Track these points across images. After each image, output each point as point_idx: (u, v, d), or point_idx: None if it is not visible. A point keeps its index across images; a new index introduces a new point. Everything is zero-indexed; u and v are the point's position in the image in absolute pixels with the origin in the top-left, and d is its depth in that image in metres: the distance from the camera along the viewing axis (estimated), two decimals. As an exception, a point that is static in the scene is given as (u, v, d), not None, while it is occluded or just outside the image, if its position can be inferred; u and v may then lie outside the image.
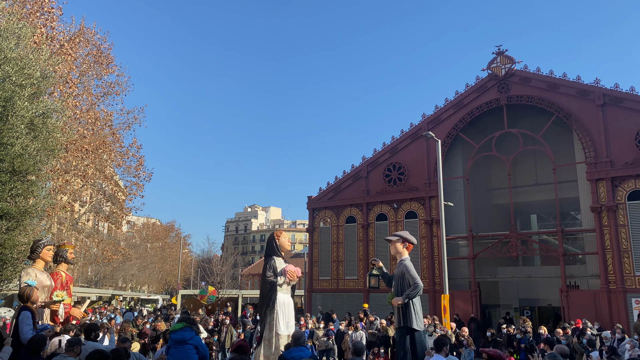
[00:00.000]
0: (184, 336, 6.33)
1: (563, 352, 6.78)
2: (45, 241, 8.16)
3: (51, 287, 8.08)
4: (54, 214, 21.55)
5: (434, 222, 26.83)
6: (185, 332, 6.37)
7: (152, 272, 63.80)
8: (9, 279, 9.29)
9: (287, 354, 7.17)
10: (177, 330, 6.45)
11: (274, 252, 8.46)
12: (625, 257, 22.50)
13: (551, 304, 27.08)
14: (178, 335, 6.37)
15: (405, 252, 8.70)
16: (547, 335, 15.72)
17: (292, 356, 6.96)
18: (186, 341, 6.29)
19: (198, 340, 6.47)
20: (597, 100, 24.32)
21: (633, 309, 21.79)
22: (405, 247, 8.67)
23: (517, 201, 27.27)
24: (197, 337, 6.50)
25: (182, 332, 6.37)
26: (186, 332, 6.37)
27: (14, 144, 8.14)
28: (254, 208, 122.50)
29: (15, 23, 9.06)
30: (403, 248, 8.63)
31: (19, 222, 8.76)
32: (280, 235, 8.68)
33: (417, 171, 28.34)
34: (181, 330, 6.40)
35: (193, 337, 6.39)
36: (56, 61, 11.10)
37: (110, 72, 22.69)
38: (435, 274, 26.38)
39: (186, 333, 6.36)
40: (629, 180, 23.06)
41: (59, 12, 19.25)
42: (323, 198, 31.16)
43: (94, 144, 21.67)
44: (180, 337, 6.32)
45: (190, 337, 6.35)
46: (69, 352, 6.34)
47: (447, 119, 28.12)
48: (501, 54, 27.20)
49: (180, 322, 6.57)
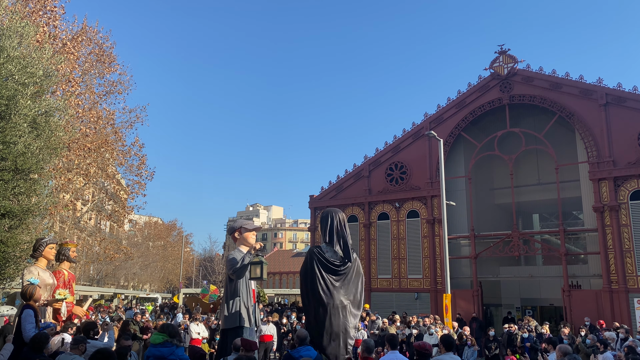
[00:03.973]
0: (163, 353, 5.89)
1: (567, 351, 6.78)
2: (47, 239, 8.17)
3: (54, 285, 8.09)
4: (56, 212, 21.57)
5: (436, 221, 26.81)
6: (165, 349, 5.92)
7: (154, 271, 63.86)
8: (12, 277, 9.31)
9: (295, 352, 7.19)
10: (156, 344, 5.99)
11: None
12: (627, 257, 22.45)
13: (553, 304, 27.05)
14: (157, 351, 5.91)
15: (241, 242, 7.67)
16: (549, 334, 15.71)
17: (301, 355, 6.97)
18: (165, 357, 5.86)
19: (178, 354, 6.00)
20: (600, 100, 24.25)
21: (635, 308, 21.75)
22: (241, 236, 7.71)
23: (519, 201, 27.24)
24: (178, 350, 5.99)
25: (161, 348, 5.92)
26: (165, 347, 5.92)
27: (17, 143, 8.15)
28: (256, 207, 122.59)
29: (18, 22, 9.06)
30: (239, 236, 7.72)
31: (22, 221, 8.78)
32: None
33: (419, 170, 28.32)
34: (161, 345, 5.96)
35: (173, 352, 5.90)
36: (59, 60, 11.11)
37: (112, 70, 22.69)
38: (437, 274, 26.36)
39: (165, 349, 5.91)
40: (632, 180, 23.00)
41: (61, 11, 19.25)
42: (325, 197, 31.15)
43: (96, 143, 21.68)
44: (158, 354, 5.88)
45: (169, 353, 5.88)
46: (74, 350, 6.36)
47: (450, 118, 28.09)
48: (503, 53, 27.15)
49: (162, 333, 6.10)
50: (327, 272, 7.60)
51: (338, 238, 7.80)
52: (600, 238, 23.21)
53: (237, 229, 7.71)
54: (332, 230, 7.84)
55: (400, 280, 27.80)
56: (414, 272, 27.49)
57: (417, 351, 6.79)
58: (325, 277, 7.55)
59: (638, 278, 22.07)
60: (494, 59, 27.31)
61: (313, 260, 7.64)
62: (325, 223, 7.91)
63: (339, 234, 7.83)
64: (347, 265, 7.70)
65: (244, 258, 7.32)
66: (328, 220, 7.89)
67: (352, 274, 7.76)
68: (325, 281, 7.54)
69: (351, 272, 7.76)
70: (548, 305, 27.65)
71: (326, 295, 7.49)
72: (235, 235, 7.69)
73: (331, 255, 7.71)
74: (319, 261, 7.64)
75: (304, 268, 7.77)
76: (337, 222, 7.88)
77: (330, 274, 7.61)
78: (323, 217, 8.02)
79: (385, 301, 27.54)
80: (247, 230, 7.69)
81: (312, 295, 7.55)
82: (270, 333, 16.46)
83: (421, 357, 6.78)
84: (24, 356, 6.12)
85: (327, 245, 7.83)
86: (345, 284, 7.67)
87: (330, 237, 7.80)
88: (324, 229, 7.93)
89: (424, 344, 6.83)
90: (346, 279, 7.69)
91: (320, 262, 7.63)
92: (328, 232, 7.84)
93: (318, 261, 7.64)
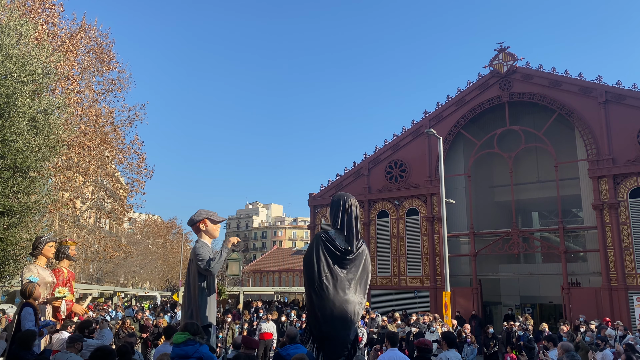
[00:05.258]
0: (187, 352, 5.78)
1: (568, 348, 6.81)
2: (47, 238, 8.15)
3: (53, 283, 8.08)
4: (55, 210, 21.56)
5: (436, 219, 26.82)
6: (188, 347, 5.80)
7: (153, 269, 63.86)
8: (11, 276, 9.30)
9: (282, 351, 7.20)
10: (179, 344, 5.87)
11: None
12: (626, 254, 22.48)
13: (552, 302, 27.09)
14: (181, 350, 5.79)
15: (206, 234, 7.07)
16: (548, 332, 15.72)
17: (288, 353, 6.98)
18: (190, 356, 5.74)
19: (202, 351, 6.01)
20: (599, 98, 24.25)
21: (634, 306, 21.78)
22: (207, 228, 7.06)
23: (519, 198, 27.25)
24: (202, 347, 5.88)
25: (184, 347, 5.80)
26: (189, 346, 5.81)
27: (16, 141, 8.14)
28: (256, 205, 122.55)
29: (17, 20, 9.04)
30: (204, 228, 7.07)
31: (21, 219, 8.77)
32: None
33: (418, 168, 28.32)
34: (184, 344, 5.84)
35: (197, 350, 5.75)
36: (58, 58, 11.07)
37: (111, 68, 22.66)
38: (436, 271, 26.39)
39: (189, 348, 5.79)
40: (631, 178, 23.01)
41: (60, 9, 19.21)
42: (324, 195, 31.16)
43: (96, 141, 21.66)
44: (183, 353, 5.77)
45: (193, 351, 5.77)
46: (70, 348, 6.37)
47: (449, 116, 28.08)
48: (503, 50, 27.13)
49: (183, 332, 5.99)
50: (334, 260, 7.00)
51: (350, 224, 7.11)
52: (599, 236, 23.22)
53: (201, 220, 7.08)
54: (343, 214, 7.15)
55: (400, 278, 27.82)
56: (414, 270, 27.52)
57: (417, 348, 6.82)
58: (332, 266, 6.96)
59: (637, 276, 22.09)
60: (494, 57, 27.31)
61: (319, 247, 7.03)
62: (336, 207, 7.24)
63: (350, 219, 7.13)
64: (357, 254, 7.09)
65: (222, 253, 6.75)
66: (340, 204, 7.22)
67: (361, 264, 7.17)
68: (332, 270, 6.94)
69: (360, 262, 7.16)
70: (547, 303, 27.68)
71: (331, 285, 6.88)
72: (200, 227, 7.05)
73: (340, 242, 7.08)
74: (326, 248, 7.02)
75: (308, 254, 7.15)
76: (349, 207, 7.19)
77: (337, 262, 7.01)
78: (334, 200, 7.34)
79: (384, 299, 27.57)
80: (214, 222, 7.12)
81: (317, 284, 6.95)
82: (270, 331, 16.48)
83: (422, 353, 6.81)
84: (11, 353, 6.11)
85: (336, 231, 7.18)
86: (353, 274, 7.06)
87: (342, 223, 7.11)
88: (334, 214, 7.24)
89: (424, 341, 6.86)
90: (354, 269, 7.10)
91: (327, 249, 7.01)
92: (340, 217, 7.13)
93: (325, 248, 7.02)
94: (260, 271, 75.06)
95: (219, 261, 6.66)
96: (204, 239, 7.02)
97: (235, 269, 6.64)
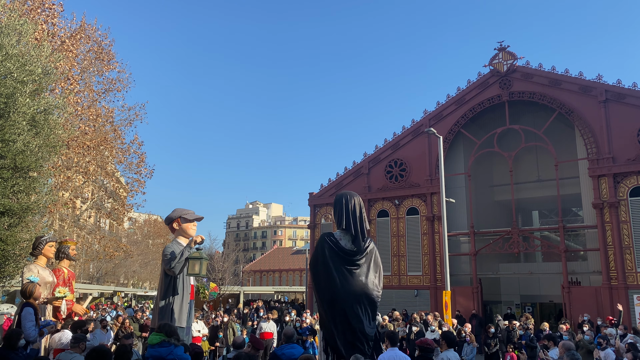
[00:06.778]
0: (161, 353, 5.78)
1: (569, 347, 6.81)
2: (47, 238, 8.15)
3: (53, 283, 8.08)
4: (55, 210, 21.55)
5: (436, 218, 26.82)
6: (162, 349, 5.80)
7: (153, 269, 63.82)
8: (12, 276, 9.29)
9: (278, 350, 7.22)
10: (154, 345, 5.85)
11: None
12: (627, 253, 22.48)
13: (553, 300, 27.09)
14: (155, 351, 5.80)
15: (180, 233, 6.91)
16: (549, 331, 15.73)
17: (284, 352, 6.99)
18: (164, 358, 5.75)
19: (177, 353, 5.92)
20: (599, 97, 24.23)
21: (635, 305, 21.78)
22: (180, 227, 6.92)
23: (519, 197, 27.25)
24: (176, 350, 5.87)
25: (159, 349, 5.81)
26: (163, 347, 5.81)
27: (16, 141, 8.13)
28: (256, 204, 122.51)
29: (17, 19, 9.03)
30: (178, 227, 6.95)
31: (21, 219, 8.76)
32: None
33: (418, 167, 28.31)
34: (158, 345, 5.83)
35: (171, 351, 5.79)
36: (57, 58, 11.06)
37: (111, 68, 22.64)
38: (436, 271, 26.39)
39: (163, 349, 5.80)
40: (631, 177, 23.01)
41: (59, 9, 19.21)
42: (324, 194, 31.15)
43: (96, 141, 21.65)
44: (157, 354, 5.78)
45: (167, 353, 5.77)
46: (75, 348, 6.37)
47: (449, 115, 28.07)
48: (503, 49, 27.12)
49: (159, 333, 5.93)
50: (341, 262, 6.77)
51: (355, 223, 6.85)
52: (599, 235, 23.22)
53: (175, 218, 6.91)
54: (348, 214, 6.89)
55: (400, 277, 27.82)
56: (414, 269, 27.51)
57: (419, 347, 6.80)
58: (340, 268, 6.73)
59: (637, 274, 22.09)
60: (494, 56, 27.29)
61: (324, 250, 6.83)
62: (339, 207, 6.99)
63: (355, 218, 6.88)
64: (365, 254, 6.87)
65: (183, 252, 6.51)
66: (343, 204, 6.98)
67: (371, 262, 6.96)
68: (340, 272, 6.70)
69: (370, 260, 6.95)
70: (548, 302, 27.69)
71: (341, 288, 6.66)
72: (174, 226, 6.90)
73: (346, 243, 6.86)
74: (332, 250, 6.80)
75: (314, 258, 6.97)
76: (352, 206, 6.94)
77: (345, 264, 6.77)
78: (337, 200, 7.08)
79: (385, 298, 27.43)
80: (187, 220, 6.92)
81: (324, 289, 6.74)
82: (270, 331, 16.48)
83: (424, 352, 6.81)
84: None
85: (341, 232, 6.95)
86: (363, 275, 6.82)
87: (347, 223, 6.87)
88: (338, 214, 7.00)
89: (426, 340, 6.86)
90: (365, 268, 6.87)
91: (333, 251, 6.79)
92: (345, 217, 6.90)
93: (330, 250, 6.80)
94: (260, 271, 75.10)
95: (179, 261, 6.46)
96: (180, 238, 6.90)
97: (198, 267, 6.19)
